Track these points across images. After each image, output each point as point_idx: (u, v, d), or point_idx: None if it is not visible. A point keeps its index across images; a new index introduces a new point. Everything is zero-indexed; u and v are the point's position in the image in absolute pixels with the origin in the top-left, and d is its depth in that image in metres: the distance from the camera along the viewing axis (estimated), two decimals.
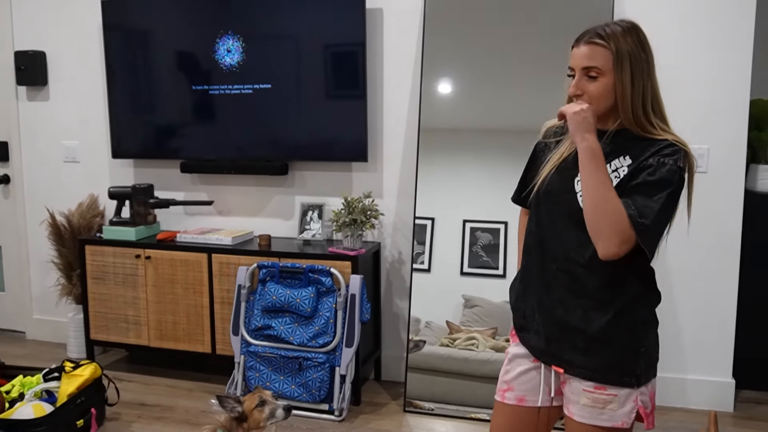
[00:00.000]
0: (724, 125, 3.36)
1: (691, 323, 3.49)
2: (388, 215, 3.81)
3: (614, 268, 1.72)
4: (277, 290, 3.47)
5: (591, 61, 1.70)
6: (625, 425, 1.76)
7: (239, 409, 2.64)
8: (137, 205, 3.97)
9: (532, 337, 1.88)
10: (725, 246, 3.42)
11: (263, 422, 2.64)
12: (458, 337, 3.50)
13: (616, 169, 1.72)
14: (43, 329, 4.65)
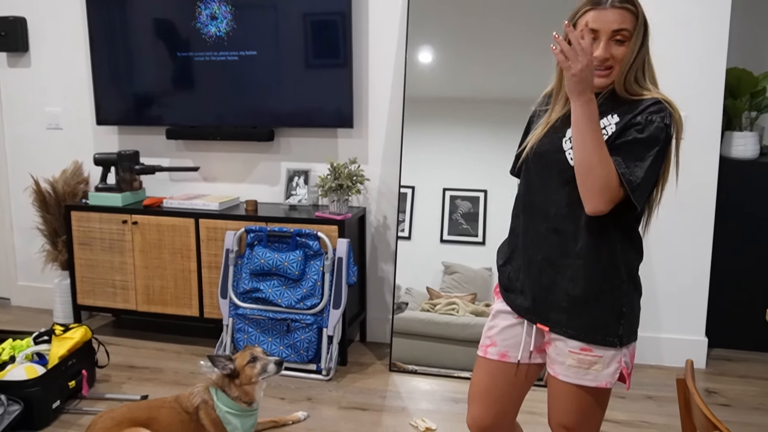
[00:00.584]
0: (701, 93, 3.46)
1: (666, 284, 3.62)
2: (373, 181, 3.88)
3: (602, 230, 1.78)
4: (265, 254, 3.53)
5: (622, 24, 1.74)
6: (608, 385, 1.82)
7: (231, 366, 2.71)
8: (123, 171, 3.98)
9: (518, 297, 1.94)
10: (700, 210, 3.54)
11: (255, 377, 2.72)
12: (438, 303, 3.59)
13: (604, 127, 1.78)
14: (28, 295, 4.66)
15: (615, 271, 1.81)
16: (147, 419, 2.63)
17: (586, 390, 1.83)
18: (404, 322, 3.60)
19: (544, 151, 1.86)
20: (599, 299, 1.80)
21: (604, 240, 1.80)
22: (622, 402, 3.24)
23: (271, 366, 2.74)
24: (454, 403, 3.24)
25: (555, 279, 1.84)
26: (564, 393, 1.86)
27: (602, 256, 1.80)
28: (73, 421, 3.10)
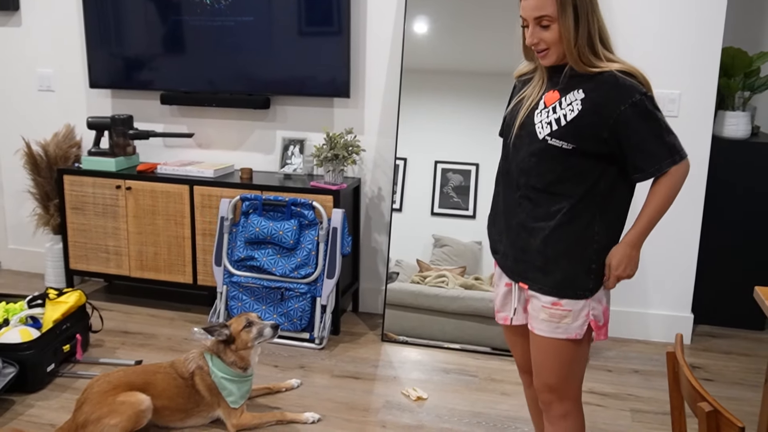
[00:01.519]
0: (696, 72, 3.48)
1: (655, 260, 3.67)
2: (368, 152, 3.88)
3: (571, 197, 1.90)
4: (259, 222, 3.54)
5: (540, 10, 1.81)
6: (577, 336, 1.95)
7: (226, 333, 2.74)
8: (116, 135, 3.96)
9: (502, 257, 2.08)
10: (691, 187, 3.58)
11: (251, 342, 2.75)
12: (428, 275, 3.63)
13: (571, 102, 1.87)
14: (18, 259, 4.65)
15: (588, 233, 1.93)
16: (143, 384, 2.66)
17: (559, 344, 1.96)
18: (395, 294, 3.63)
19: (517, 122, 1.98)
20: (570, 258, 1.93)
21: (573, 206, 1.91)
22: (608, 375, 3.31)
23: (267, 330, 2.77)
24: (445, 373, 3.29)
25: (529, 241, 1.97)
26: (542, 349, 2.00)
27: (575, 222, 1.92)
28: (67, 384, 3.12)
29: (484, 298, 3.52)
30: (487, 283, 3.55)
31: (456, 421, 2.86)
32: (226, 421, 2.75)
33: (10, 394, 2.98)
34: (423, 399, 3.04)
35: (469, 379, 3.24)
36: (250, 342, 2.76)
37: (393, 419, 2.88)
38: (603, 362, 3.45)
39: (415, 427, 2.82)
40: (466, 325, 3.55)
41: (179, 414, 2.73)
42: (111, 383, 2.64)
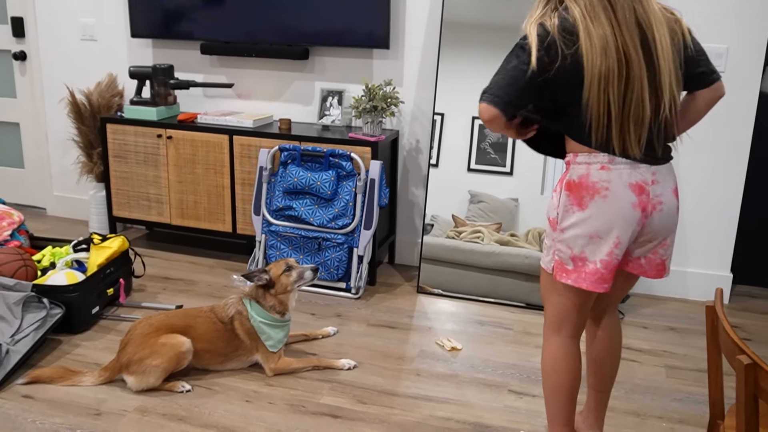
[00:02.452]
0: (744, 26, 3.37)
1: (695, 219, 3.62)
2: (407, 104, 3.86)
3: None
4: (298, 173, 3.56)
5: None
6: (547, 269, 2.10)
7: (266, 277, 2.79)
8: (158, 85, 3.99)
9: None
10: (735, 145, 3.50)
11: (290, 285, 2.80)
12: (464, 231, 3.63)
13: None
14: (63, 206, 4.76)
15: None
16: (184, 327, 2.74)
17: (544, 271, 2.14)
18: (430, 248, 3.65)
19: None
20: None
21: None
22: (644, 332, 3.30)
23: (308, 273, 2.83)
24: (480, 325, 3.32)
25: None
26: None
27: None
28: (111, 326, 3.22)
29: (519, 254, 3.52)
30: (522, 239, 3.54)
31: (490, 372, 2.89)
32: (264, 365, 2.82)
33: (57, 334, 3.09)
34: (457, 349, 3.08)
35: (503, 331, 3.27)
36: (290, 285, 2.81)
37: (427, 368, 2.92)
38: (639, 319, 3.44)
39: (449, 376, 2.86)
40: (500, 280, 3.56)
41: (219, 357, 2.80)
42: (153, 326, 2.71)
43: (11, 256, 3.28)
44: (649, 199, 1.97)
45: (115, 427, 2.45)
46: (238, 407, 2.60)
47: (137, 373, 2.64)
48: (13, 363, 2.74)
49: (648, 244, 2.06)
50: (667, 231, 2.05)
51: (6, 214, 3.60)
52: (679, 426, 2.55)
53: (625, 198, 1.94)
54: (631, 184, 1.95)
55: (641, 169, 1.96)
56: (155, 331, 2.69)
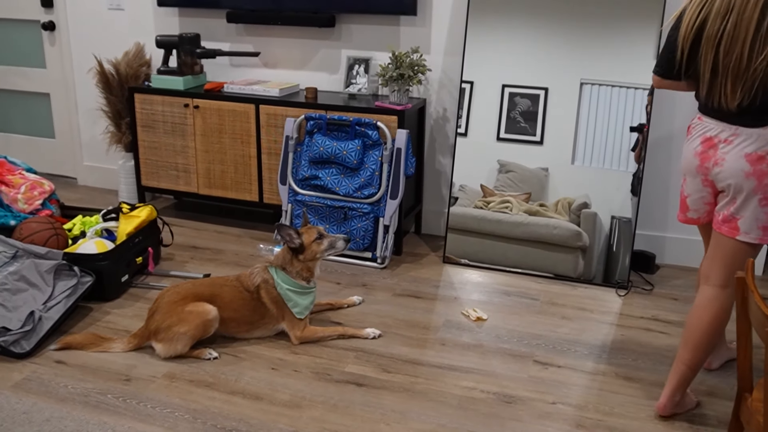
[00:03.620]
0: None
1: None
2: (434, 72, 3.81)
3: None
4: (324, 142, 3.55)
5: None
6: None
7: (299, 241, 2.79)
8: (184, 54, 3.99)
9: None
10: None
11: (320, 254, 2.81)
12: (492, 200, 3.59)
13: None
14: (93, 175, 4.82)
15: None
16: (210, 296, 2.76)
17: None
18: (457, 218, 3.62)
19: None
20: None
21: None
22: (674, 303, 3.25)
23: (339, 243, 2.85)
24: (506, 295, 3.30)
25: None
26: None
27: None
28: (140, 294, 3.26)
29: (548, 224, 3.47)
30: (551, 209, 3.49)
31: (515, 342, 2.88)
32: (290, 333, 2.84)
33: (88, 302, 3.14)
34: (483, 320, 3.06)
35: (529, 302, 3.24)
36: (320, 254, 2.82)
37: (452, 338, 2.91)
38: (669, 290, 3.39)
39: (474, 346, 2.85)
40: (529, 251, 3.52)
41: (245, 326, 2.82)
42: (180, 294, 2.74)
43: (43, 225, 3.33)
44: (715, 153, 2.20)
45: (144, 393, 2.49)
46: (263, 374, 2.62)
47: (165, 341, 2.67)
48: (46, 329, 2.80)
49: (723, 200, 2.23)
50: (734, 190, 2.18)
51: (37, 184, 3.65)
52: (707, 398, 2.51)
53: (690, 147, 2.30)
54: (705, 137, 2.24)
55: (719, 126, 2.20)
56: (182, 299, 2.72)
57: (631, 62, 3.34)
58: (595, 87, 3.41)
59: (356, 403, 2.46)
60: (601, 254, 3.42)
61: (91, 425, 2.30)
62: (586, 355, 2.79)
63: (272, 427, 2.32)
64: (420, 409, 2.43)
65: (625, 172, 3.39)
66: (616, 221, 3.41)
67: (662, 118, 3.52)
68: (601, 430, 2.33)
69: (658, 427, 2.35)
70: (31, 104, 4.87)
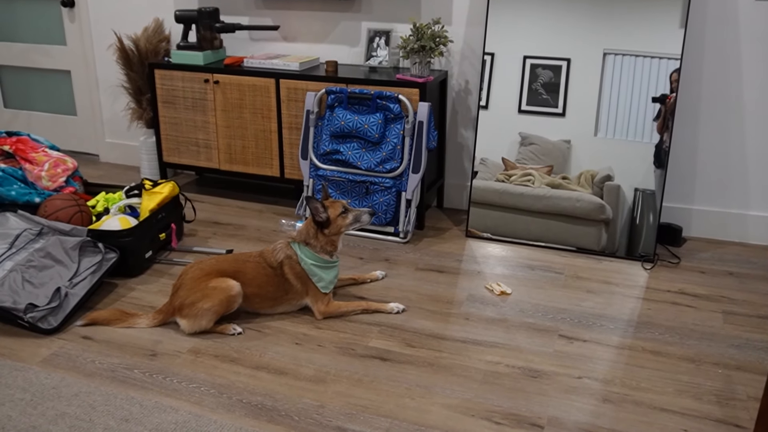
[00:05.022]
0: None
1: (757, 160, 3.46)
2: (456, 43, 3.75)
3: None
4: (345, 116, 3.52)
5: None
6: None
7: (325, 215, 2.78)
8: (203, 29, 3.96)
9: None
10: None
11: (345, 227, 2.80)
12: (514, 174, 3.55)
13: None
14: (115, 152, 4.84)
15: None
16: (234, 272, 2.76)
17: None
18: (479, 192, 3.58)
19: None
20: None
21: None
22: (701, 276, 3.21)
23: (364, 217, 2.84)
24: (530, 269, 3.27)
25: None
26: None
27: None
28: (164, 270, 3.27)
29: (571, 197, 3.43)
30: (574, 182, 3.44)
31: (540, 317, 2.86)
32: (313, 308, 2.84)
33: (113, 278, 3.16)
34: (507, 294, 3.04)
35: (554, 276, 3.21)
36: (345, 227, 2.82)
37: (476, 312, 2.90)
38: (696, 263, 3.34)
39: (498, 320, 2.83)
40: (551, 224, 3.49)
41: (268, 301, 2.83)
42: (204, 270, 2.75)
43: (67, 202, 3.34)
44: None
45: (169, 368, 2.51)
46: (288, 349, 2.63)
47: (189, 316, 2.69)
48: (72, 305, 2.82)
49: None
50: None
51: (60, 161, 3.67)
52: (736, 373, 2.48)
53: None
54: None
55: None
56: (206, 275, 2.73)
57: (656, 31, 3.26)
58: (618, 57, 3.34)
59: (381, 377, 2.46)
60: (624, 227, 3.38)
61: (119, 399, 2.33)
62: (612, 329, 2.77)
63: (297, 401, 2.33)
64: (444, 383, 2.42)
65: (649, 143, 3.33)
66: (639, 193, 3.35)
67: (690, 88, 3.44)
68: (628, 404, 2.31)
69: (686, 401, 2.32)
70: (53, 82, 4.88)
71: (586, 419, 2.24)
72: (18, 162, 3.59)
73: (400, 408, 2.29)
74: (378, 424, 2.21)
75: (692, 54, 3.39)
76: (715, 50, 3.36)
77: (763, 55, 3.30)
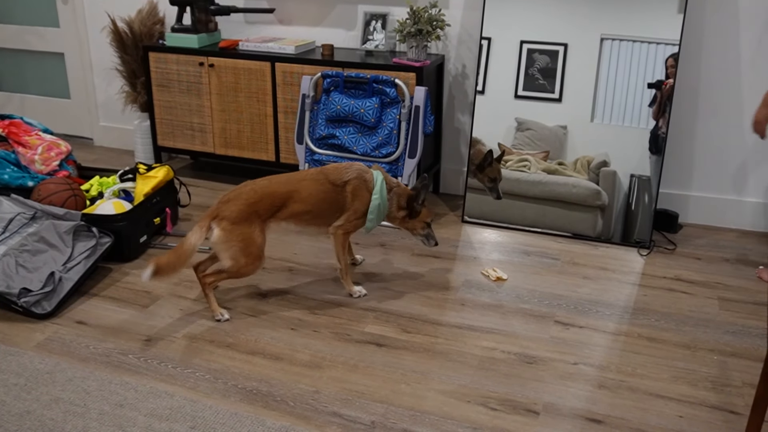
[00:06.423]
0: None
1: (753, 146, 3.45)
2: (453, 27, 3.72)
3: None
4: (341, 100, 3.49)
5: None
6: None
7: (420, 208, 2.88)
8: (198, 11, 3.92)
9: None
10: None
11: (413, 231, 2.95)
12: (510, 159, 3.53)
13: None
14: (109, 136, 4.80)
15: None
16: (286, 193, 2.71)
17: None
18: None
19: None
20: None
21: None
22: (697, 263, 3.21)
23: (430, 242, 2.95)
24: (526, 255, 3.26)
25: None
26: None
27: None
28: (159, 255, 3.25)
29: (567, 183, 3.42)
30: (570, 168, 3.43)
31: (536, 302, 2.85)
32: (336, 223, 2.82)
33: (107, 263, 3.14)
34: (503, 279, 3.04)
35: (550, 261, 3.21)
36: (414, 231, 2.93)
37: (472, 297, 2.89)
38: (692, 250, 3.34)
39: (494, 306, 2.83)
40: (547, 210, 3.48)
41: (318, 219, 2.80)
42: (257, 192, 2.67)
43: (60, 186, 3.32)
44: None
45: (164, 353, 2.50)
46: (283, 335, 2.62)
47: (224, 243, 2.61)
48: (66, 290, 2.81)
49: None
50: None
51: (54, 145, 3.64)
52: (732, 359, 2.49)
53: None
54: None
55: None
56: (259, 199, 2.65)
57: (653, 16, 3.24)
58: (615, 42, 3.32)
59: (376, 363, 2.46)
60: (620, 213, 3.37)
61: (114, 385, 2.32)
62: (608, 315, 2.76)
63: (293, 387, 2.32)
64: (440, 369, 2.42)
65: (645, 129, 3.32)
66: (635, 180, 3.35)
67: (688, 74, 3.42)
68: (624, 390, 2.31)
69: (682, 387, 2.33)
70: (46, 64, 4.83)
71: (582, 405, 2.24)
72: (11, 145, 3.56)
73: (395, 394, 2.29)
74: (373, 410, 2.21)
75: (691, 40, 3.37)
76: (713, 36, 3.34)
77: (762, 41, 3.28)
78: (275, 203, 2.69)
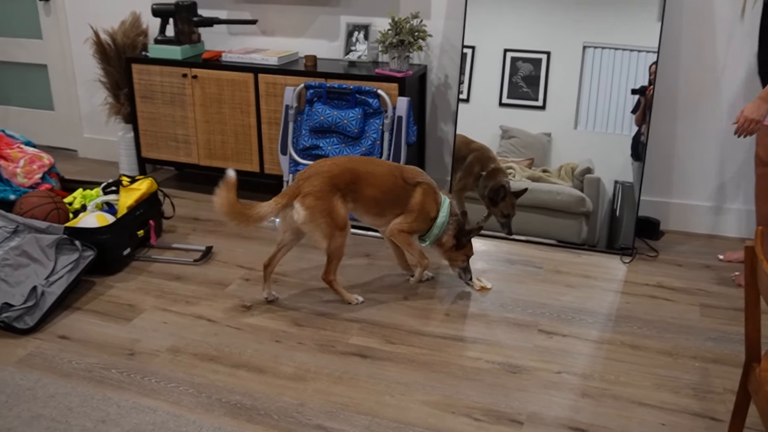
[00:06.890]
0: None
1: (735, 153, 3.48)
2: (435, 37, 3.74)
3: None
4: (324, 111, 3.50)
5: None
6: None
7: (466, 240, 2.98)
8: (181, 23, 3.92)
9: None
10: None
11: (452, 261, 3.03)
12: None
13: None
14: (93, 147, 4.78)
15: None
16: (365, 172, 2.80)
17: None
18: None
19: None
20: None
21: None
22: (678, 270, 3.23)
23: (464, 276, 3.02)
24: (510, 264, 3.28)
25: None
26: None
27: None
28: (143, 267, 3.25)
29: (551, 190, 3.44)
30: (555, 175, 3.45)
31: (520, 311, 2.87)
32: (398, 219, 2.89)
33: (90, 276, 3.13)
34: (487, 289, 3.05)
35: (534, 270, 3.22)
36: (452, 261, 3.00)
37: (457, 307, 2.90)
38: (673, 257, 3.37)
39: (479, 315, 2.84)
40: (532, 217, 3.50)
41: (377, 209, 2.86)
42: (338, 165, 2.77)
43: (43, 199, 3.30)
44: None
45: (148, 367, 2.49)
46: (268, 347, 2.62)
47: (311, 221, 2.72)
48: (49, 304, 2.79)
49: None
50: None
51: (36, 158, 3.62)
52: (713, 366, 2.50)
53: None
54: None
55: None
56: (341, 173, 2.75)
57: (635, 24, 3.27)
58: (598, 50, 3.35)
59: (361, 374, 2.46)
60: (605, 219, 3.40)
61: (96, 400, 2.31)
62: (591, 323, 2.78)
63: (277, 399, 2.32)
64: (425, 380, 2.43)
65: (628, 136, 3.34)
66: (619, 186, 3.37)
67: (667, 81, 3.45)
68: (607, 399, 2.33)
69: (664, 395, 2.34)
70: (29, 76, 4.81)
71: (566, 414, 2.25)
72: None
73: (380, 405, 2.29)
74: (358, 422, 2.21)
75: (669, 47, 3.40)
76: (691, 43, 3.38)
77: (739, 48, 3.31)
78: (353, 179, 2.78)
